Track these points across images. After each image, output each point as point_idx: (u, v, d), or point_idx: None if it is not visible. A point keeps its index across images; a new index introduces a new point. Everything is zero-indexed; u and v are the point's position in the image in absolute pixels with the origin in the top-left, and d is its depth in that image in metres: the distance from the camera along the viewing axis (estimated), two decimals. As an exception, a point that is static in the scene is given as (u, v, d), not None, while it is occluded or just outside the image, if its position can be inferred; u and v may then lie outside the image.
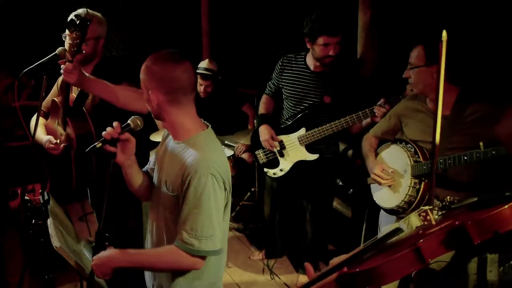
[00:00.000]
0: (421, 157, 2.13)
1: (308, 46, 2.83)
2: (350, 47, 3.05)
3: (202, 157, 1.55)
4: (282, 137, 3.01)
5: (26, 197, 2.81)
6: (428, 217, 1.08)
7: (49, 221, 1.78)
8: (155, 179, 1.77)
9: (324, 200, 3.18)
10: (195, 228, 1.54)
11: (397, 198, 2.23)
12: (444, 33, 1.69)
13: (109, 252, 1.61)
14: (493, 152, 1.79)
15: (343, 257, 1.16)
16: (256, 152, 3.14)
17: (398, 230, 1.15)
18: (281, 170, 3.05)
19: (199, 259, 1.58)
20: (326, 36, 2.70)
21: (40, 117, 2.53)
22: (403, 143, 2.25)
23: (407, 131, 2.28)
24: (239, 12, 4.75)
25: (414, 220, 2.21)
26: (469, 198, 1.13)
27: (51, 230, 1.71)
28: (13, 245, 3.20)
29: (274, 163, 3.08)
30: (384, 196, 2.35)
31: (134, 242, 2.63)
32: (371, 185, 2.45)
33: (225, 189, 1.60)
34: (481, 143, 1.85)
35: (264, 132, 3.03)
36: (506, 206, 0.90)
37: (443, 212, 1.11)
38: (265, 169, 3.14)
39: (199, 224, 1.54)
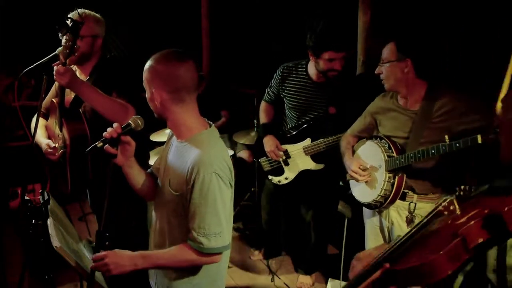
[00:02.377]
0: (394, 152, 2.19)
1: (312, 59, 2.76)
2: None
3: (205, 155, 1.56)
4: (287, 147, 2.99)
5: (26, 197, 2.81)
6: (452, 207, 1.08)
7: (49, 221, 1.78)
8: (159, 179, 1.77)
9: (327, 205, 3.17)
10: (202, 227, 1.55)
11: (373, 193, 2.28)
12: None
13: (129, 254, 1.61)
14: (457, 145, 1.85)
15: (370, 251, 1.15)
16: (260, 160, 3.13)
17: (429, 222, 1.16)
18: (286, 178, 3.04)
19: (213, 255, 1.60)
20: (332, 52, 2.61)
21: (40, 118, 2.53)
22: (378, 139, 2.30)
23: (381, 128, 2.34)
24: (239, 12, 4.75)
25: (393, 215, 2.25)
26: (482, 186, 1.14)
27: (51, 230, 1.71)
28: (13, 245, 3.20)
29: (278, 171, 3.07)
30: (362, 192, 2.39)
31: (134, 241, 2.63)
32: (350, 181, 2.50)
33: (230, 185, 1.62)
34: (446, 136, 1.92)
35: (269, 143, 3.01)
36: None
37: (462, 200, 1.12)
38: (270, 176, 3.12)
39: (206, 222, 1.55)
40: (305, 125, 2.93)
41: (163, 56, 1.60)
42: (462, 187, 1.16)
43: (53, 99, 2.43)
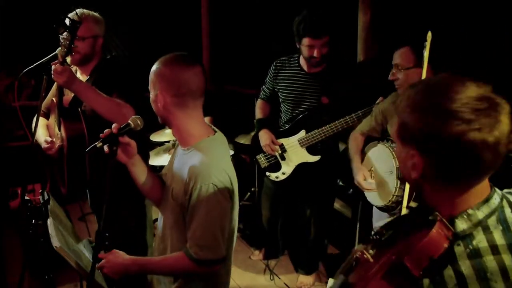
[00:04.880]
0: None
1: (297, 45, 2.82)
2: (350, 47, 3.05)
3: (204, 165, 1.53)
4: (282, 140, 2.98)
5: (26, 197, 2.80)
6: (365, 256, 1.07)
7: (49, 221, 1.78)
8: (166, 185, 1.75)
9: (326, 201, 3.17)
10: (196, 237, 1.54)
11: (385, 197, 2.28)
12: (429, 34, 1.71)
13: (124, 260, 1.62)
14: None
15: None
16: (258, 157, 3.10)
17: (350, 270, 1.16)
18: (283, 173, 3.02)
19: (206, 266, 1.58)
20: (309, 38, 2.67)
21: (42, 118, 2.53)
22: (389, 142, 2.28)
23: (392, 130, 2.31)
24: (239, 12, 4.75)
25: None
26: (394, 223, 1.14)
27: (51, 230, 1.70)
28: (13, 245, 3.20)
29: (275, 167, 3.05)
30: (374, 195, 2.39)
31: (134, 241, 2.63)
32: None
33: (230, 197, 1.58)
34: None
35: (264, 137, 3.00)
36: (433, 231, 0.92)
37: (377, 245, 1.11)
38: (268, 173, 3.09)
39: (201, 233, 1.53)
40: (299, 117, 2.92)
41: (170, 59, 1.58)
42: (374, 232, 1.15)
43: (53, 98, 2.43)
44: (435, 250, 0.92)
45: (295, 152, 2.96)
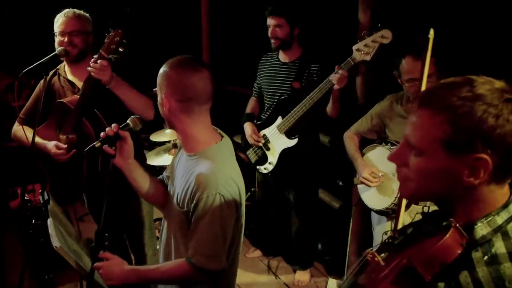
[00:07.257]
0: None
1: None
2: (350, 47, 3.04)
3: (211, 174, 1.51)
4: (265, 131, 3.08)
5: (26, 197, 2.80)
6: (376, 259, 1.05)
7: (49, 221, 1.78)
8: (169, 189, 1.74)
9: (308, 193, 3.22)
10: (198, 246, 1.53)
11: (386, 200, 2.25)
12: (432, 31, 1.69)
13: (123, 269, 1.61)
14: None
15: None
16: (248, 152, 3.19)
17: (360, 272, 1.16)
18: (270, 163, 3.09)
19: (206, 275, 1.57)
20: (268, 17, 2.92)
21: (25, 126, 2.48)
22: (389, 144, 2.26)
23: (392, 134, 2.30)
24: (239, 12, 4.74)
25: (406, 220, 2.20)
26: (407, 228, 1.13)
27: (51, 230, 1.70)
28: (13, 245, 3.21)
29: (263, 159, 3.13)
30: (373, 198, 2.36)
31: (134, 231, 2.63)
32: (358, 186, 2.46)
33: (236, 206, 1.56)
34: None
35: (247, 129, 3.13)
36: (447, 237, 0.91)
37: (389, 248, 1.10)
38: (258, 167, 3.17)
39: (203, 242, 1.52)
40: (274, 104, 3.05)
41: (177, 63, 1.56)
42: (388, 232, 1.14)
43: (63, 100, 2.37)
44: (448, 257, 0.91)
45: (277, 140, 3.03)
